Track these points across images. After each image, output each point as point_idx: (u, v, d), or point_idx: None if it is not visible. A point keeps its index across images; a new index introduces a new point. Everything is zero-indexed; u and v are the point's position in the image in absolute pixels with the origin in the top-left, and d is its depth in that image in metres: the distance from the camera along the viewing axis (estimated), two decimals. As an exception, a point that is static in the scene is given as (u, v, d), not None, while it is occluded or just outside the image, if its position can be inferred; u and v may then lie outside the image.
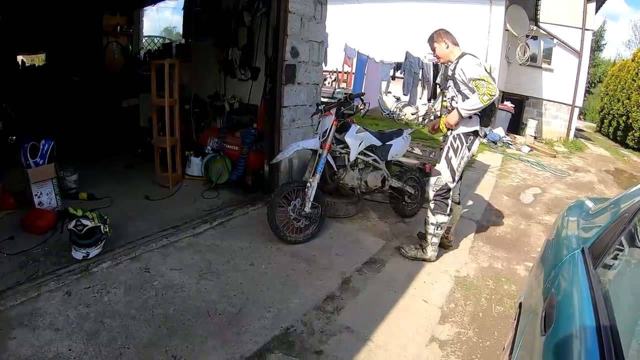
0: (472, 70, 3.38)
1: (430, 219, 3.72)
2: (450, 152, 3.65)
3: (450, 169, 3.66)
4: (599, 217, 2.41)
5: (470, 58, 3.50)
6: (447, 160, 3.67)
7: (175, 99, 5.00)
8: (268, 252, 3.68)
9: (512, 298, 3.38)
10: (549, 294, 1.79)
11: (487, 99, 3.30)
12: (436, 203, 3.71)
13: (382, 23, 13.42)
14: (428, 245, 3.80)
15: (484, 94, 3.29)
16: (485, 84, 3.29)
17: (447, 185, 3.69)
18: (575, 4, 13.32)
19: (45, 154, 4.18)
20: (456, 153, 3.64)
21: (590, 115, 27.95)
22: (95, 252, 3.30)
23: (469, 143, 3.64)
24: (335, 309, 2.99)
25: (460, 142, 3.63)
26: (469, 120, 3.58)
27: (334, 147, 4.05)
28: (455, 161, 3.65)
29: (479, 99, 3.32)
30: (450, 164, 3.66)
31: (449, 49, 3.65)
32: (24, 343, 2.34)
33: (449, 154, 3.66)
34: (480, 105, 3.34)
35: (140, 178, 5.33)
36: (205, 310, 2.79)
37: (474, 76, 3.34)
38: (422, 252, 3.84)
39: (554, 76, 14.28)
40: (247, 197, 4.89)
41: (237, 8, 5.43)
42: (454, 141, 3.65)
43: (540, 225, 5.33)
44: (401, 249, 3.94)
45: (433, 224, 3.72)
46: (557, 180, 8.38)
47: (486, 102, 3.32)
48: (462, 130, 3.62)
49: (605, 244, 1.86)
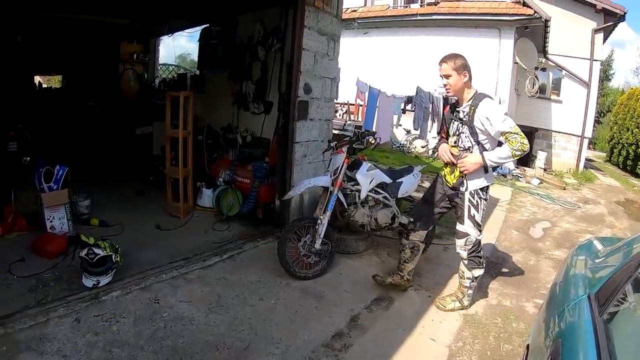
0: (502, 122, 3.10)
1: (466, 273, 3.59)
2: (472, 210, 3.43)
3: (476, 225, 3.46)
4: (607, 259, 2.43)
5: (493, 103, 3.26)
6: (471, 219, 3.45)
7: (189, 131, 5.09)
8: (277, 287, 3.67)
9: (521, 336, 3.34)
10: (555, 340, 1.81)
11: (519, 155, 3.11)
12: (470, 259, 3.54)
13: (392, 56, 13.59)
14: (464, 296, 3.66)
15: (518, 149, 3.06)
16: (520, 139, 3.05)
17: (477, 240, 3.51)
18: (583, 35, 13.49)
19: (59, 179, 4.24)
20: (477, 209, 3.43)
21: (600, 145, 27.93)
22: (106, 281, 3.33)
23: (485, 195, 3.45)
24: (344, 346, 2.97)
25: (479, 197, 3.41)
26: (486, 174, 3.39)
27: (345, 185, 4.08)
28: (479, 216, 3.45)
29: (511, 154, 3.10)
30: (474, 221, 3.45)
31: (466, 84, 3.31)
32: (31, 367, 2.35)
33: (471, 212, 3.44)
34: (510, 159, 3.19)
35: (151, 206, 5.37)
36: (213, 344, 2.79)
37: (506, 129, 3.09)
38: (460, 303, 3.67)
39: (563, 107, 14.34)
40: (258, 231, 4.90)
41: (251, 42, 5.55)
42: (472, 198, 3.42)
43: (549, 260, 5.27)
44: (438, 303, 3.71)
45: (469, 278, 3.59)
46: (567, 213, 8.33)
47: (517, 157, 3.17)
48: (479, 184, 3.40)
49: (611, 291, 1.87)
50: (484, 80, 12.16)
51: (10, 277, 3.33)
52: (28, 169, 5.06)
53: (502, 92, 12.22)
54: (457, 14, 12.54)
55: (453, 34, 12.63)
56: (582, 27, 13.49)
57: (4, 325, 2.67)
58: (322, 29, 4.84)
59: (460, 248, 3.55)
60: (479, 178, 3.37)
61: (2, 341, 2.54)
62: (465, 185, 3.40)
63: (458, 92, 3.36)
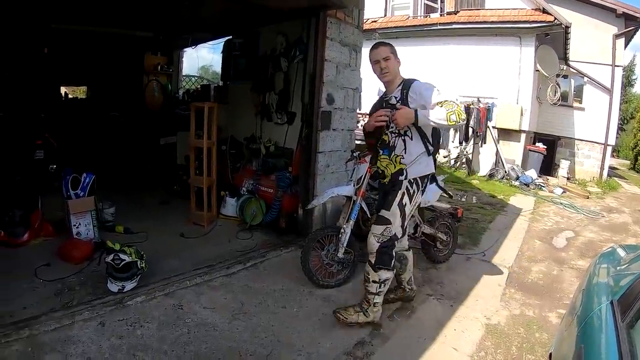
0: (437, 94, 2.94)
1: (372, 275, 3.21)
2: (405, 197, 3.14)
3: (403, 217, 3.17)
4: (631, 266, 2.41)
5: (424, 82, 3.12)
6: (400, 207, 3.14)
7: (213, 141, 5.18)
8: (300, 296, 3.70)
9: (544, 347, 3.30)
10: (578, 347, 1.80)
11: (454, 120, 2.81)
12: (379, 257, 3.17)
13: (413, 66, 13.15)
14: (370, 306, 3.26)
15: (454, 113, 2.81)
16: (456, 106, 2.84)
17: (395, 236, 3.18)
18: (603, 41, 13.29)
19: (86, 186, 4.37)
20: (411, 199, 3.17)
21: (623, 152, 27.43)
22: (131, 286, 3.40)
23: (424, 187, 3.24)
24: (365, 355, 2.97)
25: (417, 186, 3.18)
26: (425, 161, 3.19)
27: (368, 194, 4.10)
28: (409, 208, 3.19)
29: (446, 116, 2.81)
30: (403, 211, 3.15)
31: (398, 70, 3.24)
32: (55, 369, 2.41)
33: (403, 199, 3.14)
34: (444, 122, 2.84)
35: (175, 215, 5.46)
36: (236, 350, 2.82)
37: (441, 99, 2.90)
38: (364, 315, 3.27)
39: (585, 115, 14.11)
40: (281, 240, 4.94)
41: (274, 54, 5.62)
42: (410, 186, 3.16)
43: (573, 270, 5.20)
44: (339, 314, 3.29)
45: (375, 282, 3.20)
46: (591, 222, 8.19)
47: (452, 123, 2.83)
48: (420, 172, 3.18)
49: (634, 297, 1.87)
50: (505, 88, 12.16)
51: (37, 281, 3.42)
52: (54, 176, 5.22)
53: (523, 101, 12.10)
54: (477, 23, 12.46)
55: (473, 43, 12.58)
56: (602, 32, 13.30)
57: (30, 327, 2.74)
58: (343, 39, 4.89)
59: (374, 236, 3.17)
60: (420, 165, 3.18)
61: (27, 342, 2.61)
62: (405, 174, 3.18)
63: (393, 78, 3.21)
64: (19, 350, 2.54)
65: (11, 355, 2.49)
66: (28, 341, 2.63)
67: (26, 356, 2.50)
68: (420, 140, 3.17)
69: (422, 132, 3.16)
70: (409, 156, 3.18)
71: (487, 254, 5.31)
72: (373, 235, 3.19)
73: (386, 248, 3.17)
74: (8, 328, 2.71)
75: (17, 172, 5.19)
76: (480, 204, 8.39)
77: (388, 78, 3.21)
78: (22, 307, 3.01)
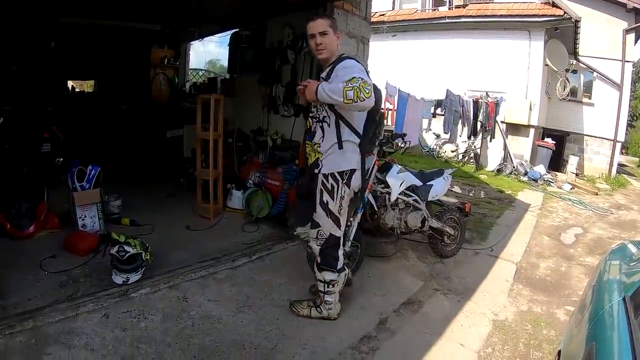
0: (351, 73, 2.58)
1: (317, 274, 3.09)
2: (325, 195, 2.89)
3: (331, 216, 2.93)
4: None
5: (354, 62, 2.77)
6: (323, 207, 2.92)
7: (220, 133, 5.14)
8: (306, 289, 3.66)
9: (551, 344, 3.27)
10: (589, 344, 1.77)
11: (351, 97, 2.44)
12: (322, 258, 3.03)
13: (421, 59, 13.51)
14: (322, 303, 3.16)
15: (351, 89, 2.45)
16: (360, 83, 2.46)
17: (333, 236, 3.00)
18: (613, 36, 13.14)
19: (91, 179, 4.36)
20: (333, 195, 2.89)
21: (632, 149, 27.23)
22: (135, 278, 3.38)
23: (345, 179, 2.89)
24: (371, 349, 2.95)
25: (334, 180, 2.87)
26: (341, 154, 2.86)
27: (375, 187, 4.07)
28: (334, 205, 2.91)
29: (342, 91, 2.45)
30: (328, 210, 2.92)
31: (337, 47, 2.89)
32: (59, 360, 2.41)
33: (323, 197, 2.90)
34: (339, 98, 2.49)
35: (181, 207, 5.44)
36: (240, 344, 2.80)
37: (351, 77, 2.52)
38: (317, 311, 3.19)
39: (594, 110, 13.97)
40: (287, 233, 4.87)
41: (281, 46, 5.59)
42: (325, 181, 2.89)
43: (581, 267, 5.15)
44: (292, 307, 3.27)
45: (321, 282, 3.08)
46: (599, 219, 8.12)
47: (347, 101, 2.46)
48: (333, 167, 2.88)
49: None
50: (514, 83, 12.11)
51: (42, 273, 3.43)
52: (61, 169, 5.23)
53: (532, 95, 12.03)
54: (486, 16, 12.39)
55: (482, 37, 12.51)
56: (612, 27, 13.13)
57: (34, 319, 2.74)
58: (351, 31, 4.85)
59: (312, 240, 3.06)
60: (335, 158, 2.87)
61: (31, 334, 2.61)
62: (320, 166, 2.92)
63: (330, 56, 2.86)
64: (23, 341, 2.54)
65: (15, 346, 2.49)
66: (32, 332, 2.63)
67: (30, 347, 2.50)
68: (335, 128, 2.84)
69: (343, 119, 2.83)
70: (325, 146, 2.89)
71: (495, 249, 5.27)
72: (311, 239, 3.08)
73: (327, 250, 3.02)
74: (12, 319, 2.71)
75: (24, 164, 5.22)
76: (488, 198, 8.34)
77: (324, 55, 2.86)
78: (27, 299, 3.01)
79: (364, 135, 2.89)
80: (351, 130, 2.86)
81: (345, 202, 2.96)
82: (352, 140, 2.88)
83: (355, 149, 2.89)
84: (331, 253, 3.02)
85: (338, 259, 3.05)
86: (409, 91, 7.75)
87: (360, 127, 2.89)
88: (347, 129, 2.85)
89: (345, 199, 2.94)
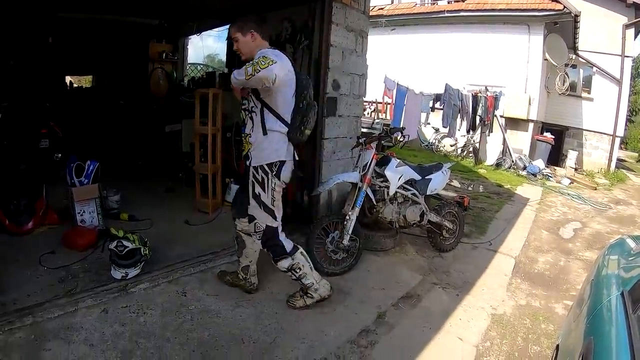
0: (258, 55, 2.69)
1: (279, 267, 3.12)
2: (257, 187, 2.93)
3: (265, 208, 2.97)
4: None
5: (268, 50, 2.80)
6: (255, 199, 2.96)
7: (218, 128, 5.13)
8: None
9: (550, 338, 3.28)
10: (587, 339, 1.77)
11: (250, 73, 2.57)
12: (270, 250, 3.10)
13: (420, 53, 13.52)
14: (307, 288, 3.20)
15: (252, 64, 2.59)
16: (259, 58, 2.60)
17: (269, 228, 3.03)
18: (613, 31, 13.13)
19: (90, 174, 4.37)
20: (264, 187, 2.92)
21: (632, 145, 27.22)
22: (134, 273, 3.38)
23: (275, 170, 2.90)
24: (370, 343, 2.95)
25: (264, 172, 2.90)
26: (270, 144, 2.87)
27: (374, 181, 4.07)
28: (267, 197, 2.94)
29: (244, 70, 2.62)
30: (261, 202, 2.95)
31: (256, 43, 2.91)
32: (58, 356, 2.42)
33: (255, 189, 2.94)
34: (242, 77, 2.64)
35: (180, 202, 5.44)
36: (239, 338, 2.81)
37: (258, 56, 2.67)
38: (309, 297, 3.23)
39: (594, 105, 13.97)
40: (285, 227, 4.90)
41: (279, 40, 5.54)
42: (255, 173, 2.92)
43: (580, 261, 5.16)
44: (289, 302, 3.29)
45: (284, 270, 3.13)
46: (598, 214, 8.13)
47: (248, 76, 2.59)
48: (262, 159, 2.90)
49: None
50: (513, 77, 12.11)
51: (41, 269, 3.42)
52: (59, 165, 5.22)
53: (532, 90, 12.03)
54: (485, 10, 12.38)
55: (481, 31, 12.52)
56: (612, 22, 13.12)
57: (33, 314, 2.74)
58: (349, 25, 4.82)
59: (252, 235, 3.14)
60: (264, 149, 2.89)
61: (30, 330, 2.61)
62: (250, 158, 2.95)
63: (250, 53, 2.87)
64: (23, 337, 2.54)
65: (15, 342, 2.49)
66: (31, 328, 2.63)
67: (29, 343, 2.50)
68: (260, 116, 2.86)
69: (267, 106, 2.85)
70: (254, 136, 2.91)
71: (494, 244, 5.27)
72: (251, 234, 3.14)
73: (268, 242, 3.07)
74: (12, 315, 2.71)
75: (23, 160, 5.22)
76: (487, 193, 8.34)
77: (243, 57, 2.94)
78: (26, 295, 3.01)
79: (291, 124, 2.88)
80: (277, 117, 2.85)
81: (277, 194, 3.00)
82: (279, 129, 2.87)
83: (283, 138, 2.89)
84: (273, 243, 3.07)
85: (282, 245, 3.08)
86: (407, 85, 7.74)
87: (287, 116, 2.88)
88: (271, 116, 2.85)
89: (277, 190, 2.98)
